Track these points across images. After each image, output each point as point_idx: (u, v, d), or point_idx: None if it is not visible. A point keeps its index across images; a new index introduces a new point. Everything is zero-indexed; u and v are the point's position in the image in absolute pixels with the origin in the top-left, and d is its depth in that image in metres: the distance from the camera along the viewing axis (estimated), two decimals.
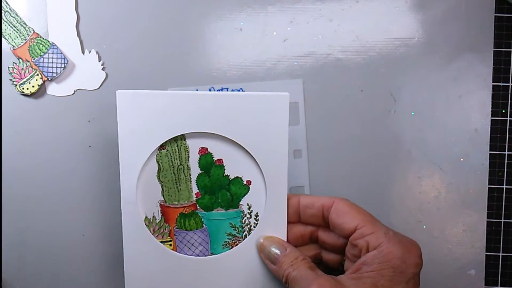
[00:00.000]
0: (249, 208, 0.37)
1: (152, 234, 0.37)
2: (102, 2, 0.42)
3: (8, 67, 0.41)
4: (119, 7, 0.42)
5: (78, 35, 0.42)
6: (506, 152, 0.43)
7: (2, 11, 0.41)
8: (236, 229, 0.37)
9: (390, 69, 0.42)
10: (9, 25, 0.41)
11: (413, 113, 0.43)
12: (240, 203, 0.37)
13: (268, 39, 0.42)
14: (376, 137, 0.43)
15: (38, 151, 0.42)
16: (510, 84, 0.43)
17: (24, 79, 0.41)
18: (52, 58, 0.41)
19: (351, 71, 0.42)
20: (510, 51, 0.43)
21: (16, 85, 0.41)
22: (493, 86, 0.43)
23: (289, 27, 0.42)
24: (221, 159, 0.36)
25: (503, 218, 0.43)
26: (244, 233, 0.37)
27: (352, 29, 0.42)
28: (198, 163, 0.36)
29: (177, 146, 0.36)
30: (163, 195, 0.37)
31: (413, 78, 0.43)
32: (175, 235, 0.37)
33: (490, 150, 0.43)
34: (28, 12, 0.41)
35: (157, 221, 0.37)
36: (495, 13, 0.42)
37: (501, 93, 0.43)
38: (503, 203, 0.43)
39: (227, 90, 0.42)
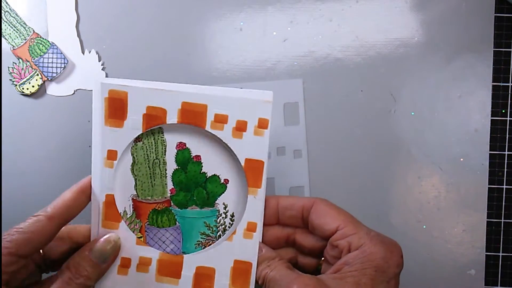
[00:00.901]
0: (225, 208, 0.35)
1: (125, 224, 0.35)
2: (102, 2, 0.42)
3: (8, 67, 0.41)
4: (119, 7, 0.42)
5: (78, 35, 0.42)
6: (506, 152, 0.43)
7: (2, 11, 0.41)
8: (211, 229, 0.35)
9: (390, 69, 0.42)
10: (9, 25, 0.41)
11: (413, 113, 0.43)
12: (216, 202, 0.35)
13: (268, 39, 0.42)
14: (376, 137, 0.43)
15: (38, 151, 0.42)
16: (510, 84, 0.43)
17: (24, 79, 0.41)
18: (52, 58, 0.41)
19: (351, 71, 0.42)
20: (510, 51, 0.43)
21: (16, 85, 0.41)
22: (493, 86, 0.43)
23: (289, 27, 0.42)
24: (199, 156, 0.35)
25: (503, 218, 0.43)
26: (219, 233, 0.35)
27: (352, 29, 0.42)
28: (175, 158, 0.35)
29: (153, 139, 0.34)
30: (136, 189, 0.35)
31: (413, 78, 0.43)
32: (146, 231, 0.35)
33: (490, 150, 0.43)
34: (28, 12, 0.41)
35: (128, 216, 0.35)
36: (495, 13, 0.42)
37: (501, 93, 0.43)
38: (503, 203, 0.43)
39: None
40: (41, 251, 0.34)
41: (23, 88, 0.41)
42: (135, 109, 0.33)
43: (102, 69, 0.42)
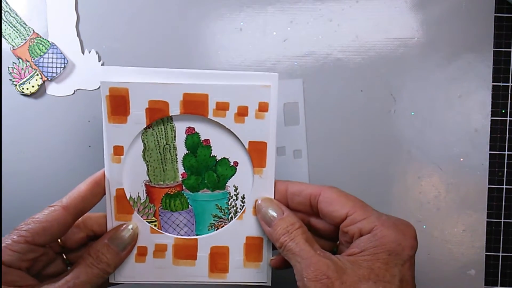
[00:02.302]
0: (235, 190, 0.36)
1: (138, 214, 0.36)
2: (102, 2, 0.42)
3: (8, 67, 0.41)
4: (119, 7, 0.42)
5: (78, 35, 0.42)
6: (506, 152, 0.43)
7: (2, 11, 0.41)
8: (222, 211, 0.36)
9: (390, 69, 0.42)
10: (9, 25, 0.41)
11: (413, 113, 0.43)
12: (227, 184, 0.36)
13: (268, 39, 0.42)
14: (376, 137, 0.43)
15: (38, 151, 0.42)
16: (510, 84, 0.43)
17: (24, 79, 0.41)
18: (52, 58, 0.41)
19: (351, 71, 0.42)
20: (510, 51, 0.43)
21: (16, 85, 0.41)
22: (493, 86, 0.43)
23: (289, 27, 0.42)
24: (208, 140, 0.35)
25: (503, 218, 0.43)
26: (230, 215, 0.36)
27: (352, 29, 0.42)
28: (185, 143, 0.35)
29: (163, 125, 0.35)
30: (148, 175, 0.36)
31: (413, 78, 0.43)
32: (160, 215, 0.36)
33: (490, 150, 0.43)
34: (28, 12, 0.41)
35: (142, 201, 0.36)
36: (495, 13, 0.42)
37: (501, 93, 0.43)
38: (503, 203, 0.43)
39: None
40: (59, 240, 0.35)
41: (23, 88, 0.41)
42: (137, 105, 0.34)
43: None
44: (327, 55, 0.42)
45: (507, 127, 0.43)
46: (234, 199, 0.36)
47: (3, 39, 0.41)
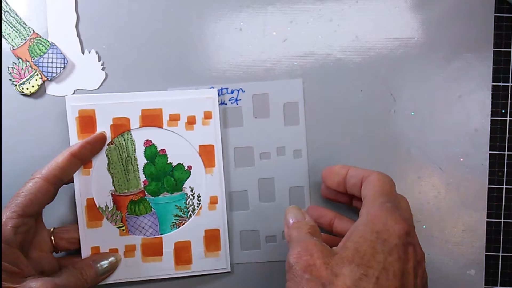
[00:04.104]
0: (191, 190, 0.41)
1: (107, 220, 0.40)
2: (102, 2, 0.42)
3: (8, 67, 0.41)
4: (119, 7, 0.42)
5: (78, 35, 0.42)
6: (506, 152, 0.43)
7: (2, 11, 0.41)
8: (182, 210, 0.41)
9: (390, 69, 0.42)
10: (9, 25, 0.41)
11: (413, 113, 0.43)
12: (184, 186, 0.41)
13: (268, 39, 0.42)
14: (376, 137, 0.43)
15: (38, 151, 0.42)
16: (510, 84, 0.43)
17: (24, 79, 0.41)
18: (52, 58, 0.41)
19: (351, 71, 0.42)
20: (510, 51, 0.43)
21: (16, 85, 0.41)
22: (492, 86, 0.43)
23: (289, 27, 0.42)
24: (164, 149, 0.41)
25: (503, 218, 0.43)
26: (189, 213, 0.41)
27: (352, 29, 0.42)
28: (144, 154, 0.41)
29: (124, 140, 0.40)
30: (113, 185, 0.40)
31: (413, 78, 0.43)
32: (127, 220, 0.41)
33: (490, 150, 0.43)
34: (28, 12, 0.41)
35: (110, 209, 0.40)
36: (495, 13, 0.42)
37: (501, 93, 0.43)
38: (503, 203, 0.43)
39: (227, 90, 0.42)
40: (53, 239, 0.39)
41: (23, 88, 0.41)
42: (103, 122, 0.40)
43: (102, 69, 0.42)
44: (327, 55, 0.42)
45: (507, 127, 0.43)
46: (191, 199, 0.41)
47: (3, 39, 0.41)
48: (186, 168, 0.41)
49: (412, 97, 0.43)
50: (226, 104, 0.42)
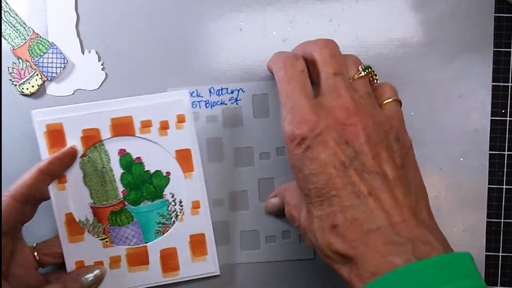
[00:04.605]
0: (172, 197, 0.40)
1: (89, 234, 0.40)
2: (102, 2, 0.42)
3: (8, 67, 0.41)
4: (119, 7, 0.42)
5: (78, 35, 0.42)
6: (506, 152, 0.43)
7: (2, 11, 0.41)
8: (164, 217, 0.41)
9: (390, 69, 0.42)
10: (9, 25, 0.41)
11: (413, 113, 0.43)
12: (164, 193, 0.40)
13: (268, 39, 0.42)
14: None
15: (37, 151, 0.42)
16: (510, 84, 0.43)
17: (24, 79, 0.41)
18: (52, 58, 0.41)
19: None
20: (510, 51, 0.43)
21: (16, 85, 0.41)
22: (492, 86, 0.43)
23: (289, 27, 0.42)
24: (139, 157, 0.40)
25: (503, 218, 0.43)
26: (172, 220, 0.41)
27: (352, 29, 0.42)
28: (119, 163, 0.40)
29: (97, 151, 0.39)
30: (92, 198, 0.40)
31: (413, 78, 0.43)
32: (109, 232, 0.40)
33: (490, 150, 0.43)
34: (28, 12, 0.41)
35: (90, 222, 0.40)
36: (495, 13, 0.42)
37: (501, 93, 0.43)
38: (503, 203, 0.43)
39: (227, 90, 0.42)
40: (36, 256, 0.38)
41: (23, 88, 0.41)
42: (72, 135, 0.39)
43: (102, 69, 0.42)
44: None
45: (507, 127, 0.43)
46: (173, 205, 0.40)
47: (3, 39, 0.41)
48: (165, 174, 0.40)
49: (412, 97, 0.43)
50: (226, 104, 0.42)
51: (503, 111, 0.43)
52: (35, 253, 0.38)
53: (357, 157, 0.30)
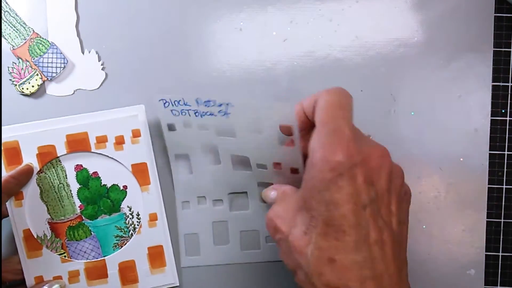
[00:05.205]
0: (130, 210, 0.41)
1: (47, 249, 0.40)
2: (102, 2, 0.42)
3: (8, 67, 0.41)
4: (119, 7, 0.42)
5: (78, 35, 0.42)
6: (506, 152, 0.43)
7: (2, 11, 0.41)
8: (122, 230, 0.41)
9: (390, 69, 0.42)
10: (9, 25, 0.41)
11: (413, 113, 0.43)
12: (121, 206, 0.41)
13: (268, 39, 0.42)
14: (376, 137, 0.43)
15: None
16: (510, 84, 0.43)
17: (24, 79, 0.41)
18: (52, 58, 0.41)
19: (351, 71, 0.42)
20: (510, 51, 0.43)
21: (16, 85, 0.41)
22: (492, 86, 0.43)
23: (289, 27, 0.42)
24: (96, 172, 0.40)
25: (503, 218, 0.43)
26: (130, 232, 0.41)
27: (352, 29, 0.42)
28: (76, 179, 0.40)
29: (53, 167, 0.40)
30: (49, 213, 0.40)
31: (413, 78, 0.43)
32: (67, 247, 0.41)
33: (490, 150, 0.43)
34: (28, 12, 0.41)
35: (48, 237, 0.40)
36: (495, 13, 0.42)
37: (501, 93, 0.43)
38: (503, 203, 0.43)
39: (214, 103, 0.37)
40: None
41: (23, 88, 0.41)
42: (28, 152, 0.39)
43: (102, 69, 0.42)
44: (327, 55, 0.42)
45: (507, 127, 0.43)
46: (130, 218, 0.41)
47: (3, 39, 0.41)
48: (122, 188, 0.41)
49: (412, 97, 0.43)
50: (215, 115, 0.37)
51: (503, 111, 0.43)
52: None
53: (376, 201, 0.30)
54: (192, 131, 0.39)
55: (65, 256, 0.40)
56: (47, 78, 0.41)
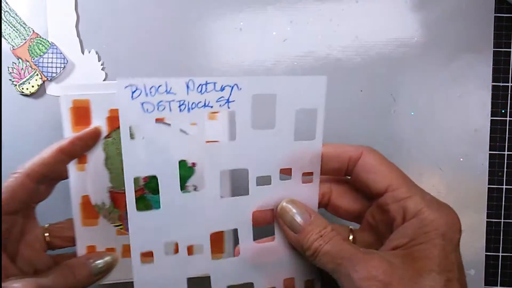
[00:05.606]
0: (195, 189, 0.37)
1: (104, 219, 0.37)
2: (102, 2, 0.42)
3: (8, 67, 0.41)
4: (119, 7, 0.42)
5: (78, 35, 0.42)
6: (506, 152, 0.43)
7: (2, 11, 0.41)
8: None
9: (390, 69, 0.42)
10: (9, 25, 0.41)
11: (413, 113, 0.43)
12: (187, 184, 0.37)
13: (268, 39, 0.42)
14: (376, 137, 0.43)
15: (38, 151, 0.42)
16: (510, 84, 0.43)
17: (24, 79, 0.41)
18: (52, 58, 0.41)
19: (351, 71, 0.42)
20: (510, 51, 0.43)
21: (16, 85, 0.41)
22: (492, 86, 0.43)
23: (289, 27, 0.42)
24: None
25: (503, 218, 0.43)
26: None
27: (352, 29, 0.42)
28: None
29: None
30: (111, 182, 0.37)
31: (413, 78, 0.43)
32: (125, 219, 0.37)
33: (490, 150, 0.43)
34: (28, 12, 0.41)
35: (106, 207, 0.37)
36: (495, 13, 0.42)
37: (501, 93, 0.43)
38: (503, 203, 0.43)
39: (214, 86, 0.32)
40: (47, 237, 0.36)
41: (22, 88, 0.41)
42: (98, 114, 0.36)
43: (102, 69, 0.42)
44: (327, 55, 0.42)
45: (507, 127, 0.43)
46: None
47: (3, 39, 0.41)
48: (190, 165, 0.37)
49: (412, 97, 0.43)
50: (212, 106, 0.29)
51: (503, 111, 0.43)
52: (46, 235, 0.36)
53: None
54: (166, 138, 0.31)
55: (121, 229, 0.38)
56: (47, 78, 0.41)
